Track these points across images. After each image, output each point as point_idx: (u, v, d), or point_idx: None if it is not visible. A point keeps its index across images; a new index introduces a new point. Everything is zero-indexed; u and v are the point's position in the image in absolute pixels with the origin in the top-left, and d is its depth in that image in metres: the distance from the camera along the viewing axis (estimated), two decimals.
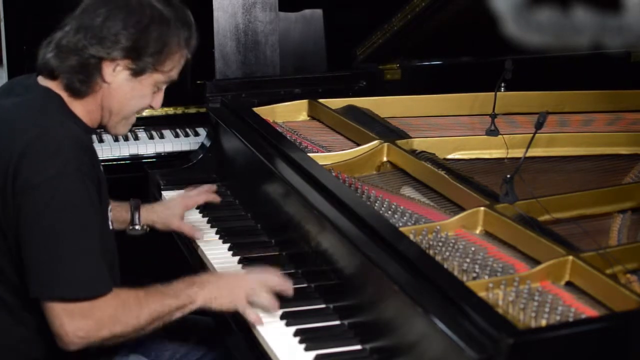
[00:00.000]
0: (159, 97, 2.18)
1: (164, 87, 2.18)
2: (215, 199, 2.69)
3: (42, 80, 2.14)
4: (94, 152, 2.11)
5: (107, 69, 2.08)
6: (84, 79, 2.08)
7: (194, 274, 2.19)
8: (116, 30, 2.05)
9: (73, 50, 2.06)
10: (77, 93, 2.10)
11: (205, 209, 2.75)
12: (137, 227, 2.55)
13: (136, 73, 2.10)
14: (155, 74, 2.12)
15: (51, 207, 1.96)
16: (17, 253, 2.01)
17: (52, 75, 2.11)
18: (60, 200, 1.96)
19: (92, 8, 2.08)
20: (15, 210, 1.98)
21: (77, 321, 1.95)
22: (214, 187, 2.71)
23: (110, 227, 2.20)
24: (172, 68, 2.14)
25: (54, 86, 2.12)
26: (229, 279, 2.17)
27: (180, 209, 2.62)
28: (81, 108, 2.12)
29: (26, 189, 1.96)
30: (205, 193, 2.69)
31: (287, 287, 2.17)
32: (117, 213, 2.50)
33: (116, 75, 2.09)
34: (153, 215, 2.59)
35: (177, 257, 2.66)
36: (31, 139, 1.99)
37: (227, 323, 2.23)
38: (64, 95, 2.11)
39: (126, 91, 2.11)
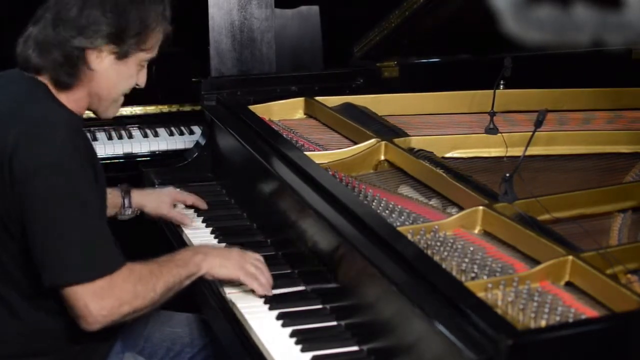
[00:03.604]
0: (143, 75, 2.20)
1: (146, 63, 2.19)
2: (202, 205, 2.72)
3: (26, 73, 2.13)
4: (87, 137, 2.12)
5: (92, 57, 2.08)
6: (70, 71, 2.09)
7: None
8: (95, 18, 2.05)
9: (55, 44, 2.06)
10: (64, 85, 2.11)
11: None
12: (128, 210, 2.59)
13: (121, 56, 2.11)
14: (139, 53, 2.13)
15: (53, 193, 1.98)
16: (21, 245, 2.03)
17: (36, 71, 2.11)
18: (61, 185, 1.98)
19: None
20: (17, 200, 1.99)
21: (99, 300, 1.99)
22: (204, 204, 2.74)
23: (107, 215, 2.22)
24: (154, 44, 2.15)
25: (39, 78, 2.12)
26: (232, 250, 2.25)
27: (169, 198, 2.67)
28: (67, 98, 2.13)
29: (25, 177, 1.98)
30: (195, 196, 2.72)
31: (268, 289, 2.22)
32: (108, 198, 2.52)
33: (101, 62, 2.10)
34: (143, 199, 2.64)
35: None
36: (26, 126, 2.01)
37: (221, 321, 2.22)
38: (50, 85, 2.11)
39: (113, 75, 2.12)
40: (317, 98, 2.96)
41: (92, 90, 2.13)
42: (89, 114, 2.21)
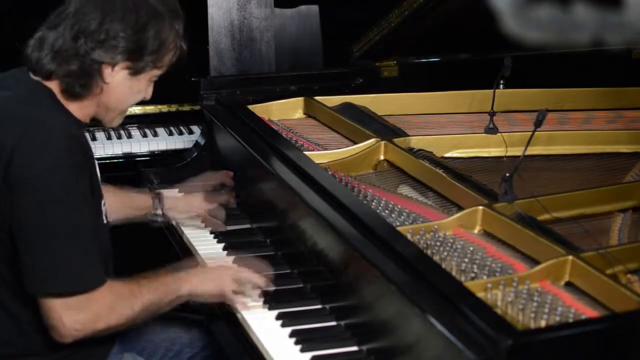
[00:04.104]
0: (151, 89, 2.19)
1: (156, 79, 2.18)
2: (228, 180, 2.71)
3: (34, 75, 2.12)
4: (86, 144, 2.11)
5: (107, 70, 2.08)
6: (84, 82, 2.08)
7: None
8: (115, 33, 2.04)
9: (73, 55, 2.05)
10: (75, 95, 2.10)
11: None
12: (159, 211, 2.58)
13: (135, 72, 2.10)
14: (153, 70, 2.12)
15: (44, 201, 1.96)
16: (12, 248, 2.02)
17: (47, 77, 2.09)
18: (52, 193, 1.97)
19: (87, 9, 2.05)
20: (10, 205, 1.98)
21: (74, 314, 1.98)
22: (230, 173, 2.72)
23: (105, 221, 2.20)
24: (168, 61, 2.14)
25: (47, 82, 2.10)
26: (214, 269, 2.22)
27: (201, 209, 2.63)
28: (75, 107, 2.12)
29: (18, 183, 1.97)
30: (227, 194, 2.69)
31: (266, 284, 2.20)
32: (137, 200, 2.57)
33: (115, 75, 2.09)
34: (174, 202, 2.62)
35: (170, 257, 2.63)
36: (22, 132, 2.00)
37: (220, 322, 2.22)
38: (56, 91, 2.10)
39: (124, 89, 2.12)
40: (317, 98, 2.95)
41: (101, 102, 2.13)
42: None
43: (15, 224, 1.99)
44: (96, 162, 2.18)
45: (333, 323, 2.09)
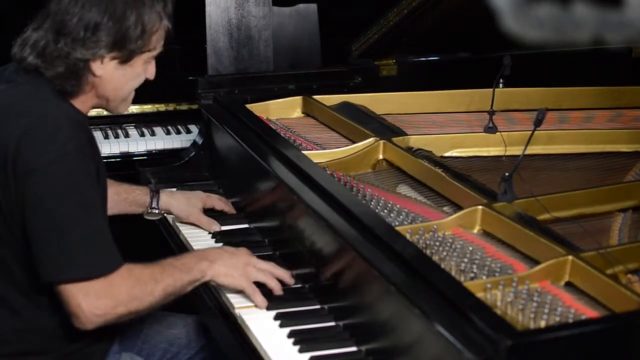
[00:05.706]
0: (152, 68, 2.17)
1: (153, 59, 2.16)
2: (231, 209, 2.68)
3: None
4: (91, 134, 2.11)
5: (95, 65, 2.07)
6: (74, 82, 2.08)
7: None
8: (95, 28, 2.03)
9: (57, 57, 2.05)
10: (70, 94, 2.10)
11: None
12: (155, 210, 2.60)
13: (124, 60, 2.09)
14: (143, 54, 2.11)
15: (55, 190, 1.97)
16: (20, 240, 2.02)
17: (38, 74, 2.09)
18: (62, 182, 1.98)
19: (64, 6, 2.04)
20: (18, 196, 1.99)
21: (93, 300, 1.98)
22: (232, 209, 2.70)
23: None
24: (157, 43, 2.13)
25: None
26: (239, 258, 2.21)
27: (199, 203, 2.64)
28: (73, 100, 2.12)
29: (27, 173, 1.98)
30: (225, 202, 2.69)
31: (288, 277, 2.22)
32: (136, 196, 2.58)
33: (105, 67, 2.08)
34: (172, 201, 2.62)
35: (166, 255, 2.63)
36: (29, 123, 2.00)
37: (218, 322, 2.21)
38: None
39: (118, 78, 2.11)
40: (315, 97, 2.94)
41: (99, 94, 2.13)
42: None
43: (27, 214, 1.99)
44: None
45: (332, 323, 2.08)
